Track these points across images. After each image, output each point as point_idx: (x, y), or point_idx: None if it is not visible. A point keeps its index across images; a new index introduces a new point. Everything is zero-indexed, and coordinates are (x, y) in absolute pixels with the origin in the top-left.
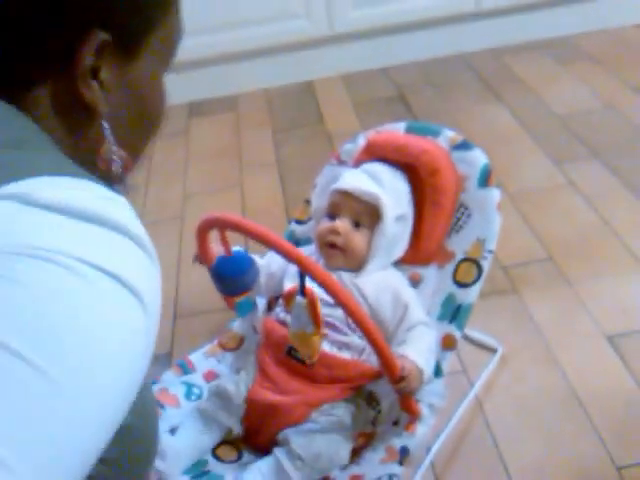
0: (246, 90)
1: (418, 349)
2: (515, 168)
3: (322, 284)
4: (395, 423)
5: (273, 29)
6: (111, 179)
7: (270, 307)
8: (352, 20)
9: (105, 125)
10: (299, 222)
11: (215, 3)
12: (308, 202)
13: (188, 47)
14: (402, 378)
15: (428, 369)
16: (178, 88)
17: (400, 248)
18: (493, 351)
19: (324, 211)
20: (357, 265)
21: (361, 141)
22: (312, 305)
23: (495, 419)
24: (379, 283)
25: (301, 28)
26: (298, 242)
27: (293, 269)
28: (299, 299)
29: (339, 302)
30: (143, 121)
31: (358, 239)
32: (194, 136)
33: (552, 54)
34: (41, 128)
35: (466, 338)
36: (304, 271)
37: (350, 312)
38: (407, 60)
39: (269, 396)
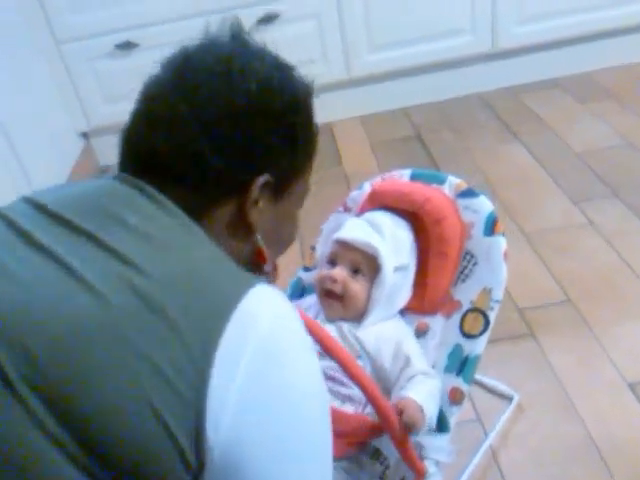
0: None
1: (417, 390)
2: (533, 208)
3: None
4: None
5: None
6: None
7: None
8: (368, 64)
9: (259, 237)
10: (307, 269)
11: None
12: (314, 248)
13: None
14: (403, 427)
15: (428, 411)
16: None
17: (402, 298)
18: (509, 399)
19: (326, 259)
20: (357, 316)
21: (367, 188)
22: None
23: (511, 471)
24: (380, 334)
25: (318, 73)
26: (305, 289)
27: None
28: None
29: (321, 345)
30: (280, 243)
31: (356, 287)
32: None
33: (570, 91)
34: (216, 243)
35: (480, 385)
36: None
37: (334, 355)
38: (425, 101)
39: None
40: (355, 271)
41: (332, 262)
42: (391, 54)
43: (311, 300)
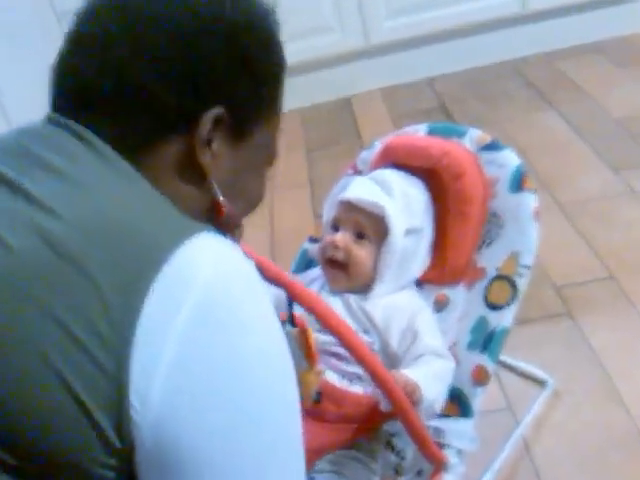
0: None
1: (416, 370)
2: (570, 177)
3: (302, 303)
4: (419, 473)
5: (305, 45)
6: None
7: None
8: (387, 31)
9: (214, 185)
10: (313, 240)
11: None
12: (321, 217)
13: None
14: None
15: (429, 395)
16: None
17: (416, 266)
18: (543, 384)
19: (329, 224)
20: (364, 286)
21: (378, 147)
22: (304, 335)
23: (545, 463)
24: (390, 307)
25: (334, 41)
26: (312, 263)
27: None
28: (288, 329)
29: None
30: (244, 198)
31: (361, 253)
32: None
33: (608, 56)
34: (158, 186)
35: (511, 369)
36: (287, 292)
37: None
38: (449, 70)
39: None
40: (359, 235)
41: (335, 227)
42: (412, 19)
43: (316, 272)
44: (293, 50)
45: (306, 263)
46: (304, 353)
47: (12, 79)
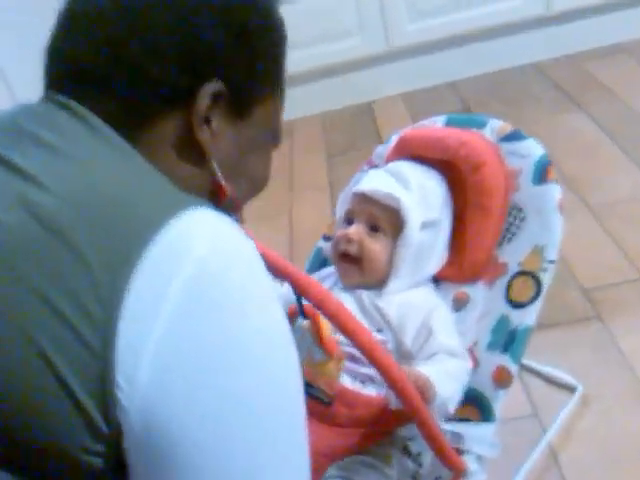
0: (301, 116)
1: (429, 367)
2: (599, 179)
3: (308, 296)
4: None
5: (327, 49)
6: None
7: None
8: (409, 34)
9: (214, 164)
10: (327, 238)
11: None
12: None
13: None
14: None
15: (443, 392)
16: None
17: (433, 262)
18: (571, 390)
19: (343, 218)
20: (378, 282)
21: (394, 140)
22: (316, 326)
23: (573, 472)
24: (405, 305)
25: (355, 45)
26: (326, 261)
27: None
28: (300, 322)
29: (326, 313)
30: (247, 178)
31: (374, 247)
32: None
33: (634, 56)
34: (156, 165)
35: (538, 375)
36: (293, 285)
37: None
38: (473, 73)
39: None
40: (374, 228)
41: (349, 221)
42: (434, 22)
43: (329, 270)
44: (315, 54)
45: (320, 262)
46: (319, 344)
47: (15, 55)
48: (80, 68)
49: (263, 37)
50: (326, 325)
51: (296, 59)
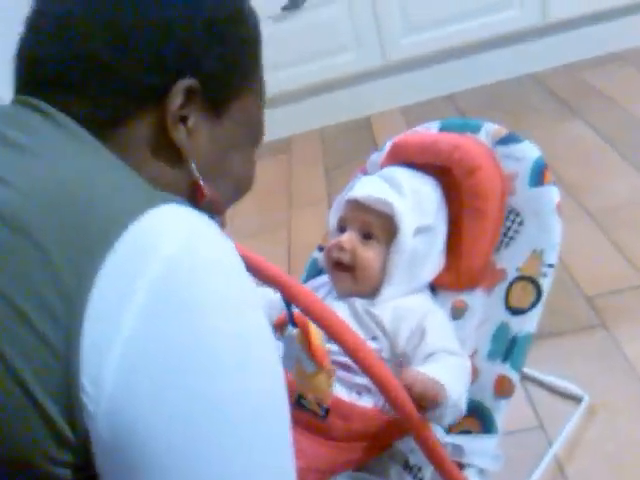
0: (300, 131)
1: (435, 368)
2: (599, 185)
3: (297, 303)
4: None
5: (323, 65)
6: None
7: None
8: (405, 47)
9: (192, 164)
10: (322, 249)
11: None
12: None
13: None
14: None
15: (453, 393)
16: None
17: (429, 268)
18: (577, 400)
19: (336, 226)
20: (372, 289)
21: (388, 148)
22: (305, 335)
23: None
24: (400, 309)
25: (351, 60)
26: (322, 271)
27: None
28: (289, 330)
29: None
30: (229, 179)
31: (367, 255)
32: None
33: (632, 64)
34: (132, 167)
35: (542, 385)
36: (281, 292)
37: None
38: (471, 85)
39: None
40: (367, 236)
41: (342, 228)
42: (430, 35)
43: (323, 279)
44: (311, 70)
45: (316, 272)
46: (309, 354)
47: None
48: (49, 70)
49: (234, 31)
50: (316, 334)
51: (293, 75)
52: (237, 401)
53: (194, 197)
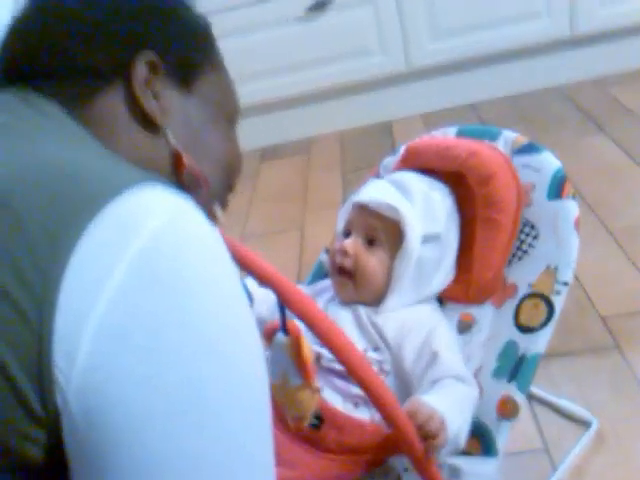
0: (320, 133)
1: (438, 396)
2: (622, 203)
3: (290, 305)
4: None
5: (346, 67)
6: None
7: None
8: (430, 53)
9: (169, 134)
10: (329, 251)
11: (285, 45)
12: None
13: (259, 90)
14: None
15: (453, 425)
16: (251, 133)
17: (438, 279)
18: (586, 425)
19: (342, 230)
20: (375, 297)
21: (402, 152)
22: (296, 345)
23: None
24: (405, 321)
25: (374, 64)
26: (327, 275)
27: None
28: (280, 337)
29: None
30: (209, 155)
31: (370, 261)
32: (262, 179)
33: None
34: (112, 144)
35: (550, 407)
36: (275, 293)
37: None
38: (495, 95)
39: None
40: (371, 242)
41: (348, 233)
42: (456, 42)
43: (327, 283)
44: (334, 72)
45: (322, 276)
46: (297, 366)
47: None
48: (19, 64)
49: (181, 9)
50: (308, 347)
51: (315, 76)
52: (215, 382)
53: (175, 169)
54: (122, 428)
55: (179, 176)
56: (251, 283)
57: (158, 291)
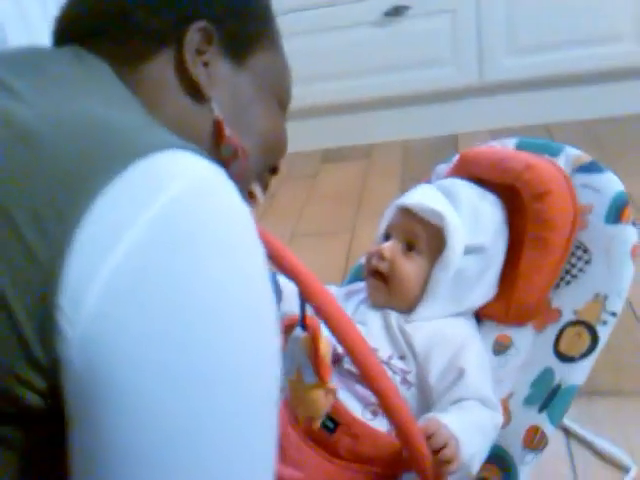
0: (383, 140)
1: (460, 420)
2: None
3: (311, 300)
4: None
5: (417, 76)
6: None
7: None
8: (505, 69)
9: (214, 103)
10: None
11: (357, 48)
12: None
13: (327, 91)
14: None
15: (469, 448)
16: (315, 134)
17: (478, 294)
18: (624, 470)
19: (383, 233)
20: (407, 304)
21: (456, 159)
22: (314, 341)
23: None
24: (436, 333)
25: (446, 75)
26: None
27: None
28: (298, 332)
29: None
30: (252, 131)
31: (406, 267)
32: (321, 179)
33: None
34: (157, 107)
35: (587, 446)
36: (301, 291)
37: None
38: (570, 117)
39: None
40: (410, 247)
41: (387, 236)
42: (533, 59)
43: (361, 285)
44: (404, 80)
45: (361, 277)
46: (312, 363)
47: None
48: (77, 26)
49: None
50: (326, 345)
51: (384, 83)
52: (223, 353)
53: (216, 139)
54: (125, 382)
55: (218, 148)
56: (283, 280)
57: (175, 250)
